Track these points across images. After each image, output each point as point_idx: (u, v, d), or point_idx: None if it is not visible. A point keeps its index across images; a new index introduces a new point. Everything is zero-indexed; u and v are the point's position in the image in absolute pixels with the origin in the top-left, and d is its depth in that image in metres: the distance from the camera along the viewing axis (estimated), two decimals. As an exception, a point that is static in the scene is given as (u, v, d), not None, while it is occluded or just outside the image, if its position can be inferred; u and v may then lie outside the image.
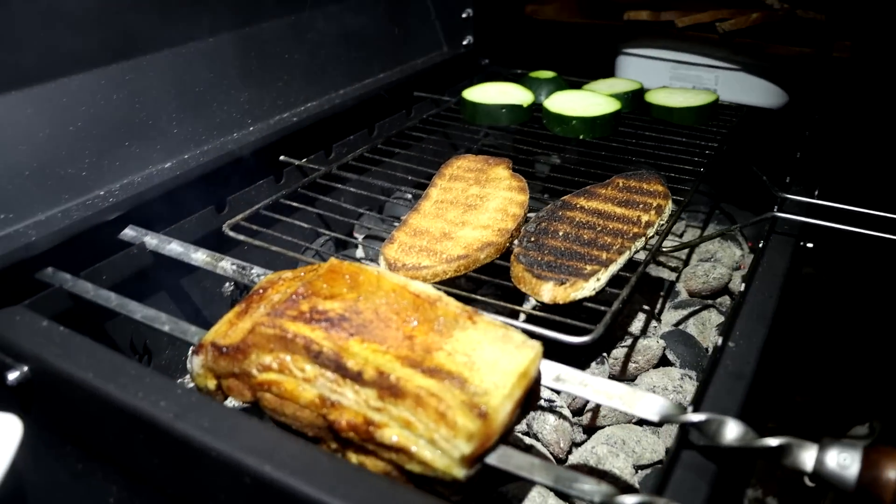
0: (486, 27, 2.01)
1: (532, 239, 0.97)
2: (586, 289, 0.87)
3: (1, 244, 0.89)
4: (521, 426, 0.98)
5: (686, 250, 1.45)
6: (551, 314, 0.84)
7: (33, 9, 0.98)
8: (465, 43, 2.01)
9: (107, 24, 1.11)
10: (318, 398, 0.67)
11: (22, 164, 0.99)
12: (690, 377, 1.09)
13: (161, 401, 0.68)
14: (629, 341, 1.12)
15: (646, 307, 1.23)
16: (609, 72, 1.99)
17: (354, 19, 1.62)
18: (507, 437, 0.66)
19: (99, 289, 0.90)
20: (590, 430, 1.03)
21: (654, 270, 1.39)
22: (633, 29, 1.93)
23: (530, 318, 0.85)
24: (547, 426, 0.96)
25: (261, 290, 0.80)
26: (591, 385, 0.70)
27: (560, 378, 0.71)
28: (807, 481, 0.62)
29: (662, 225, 1.04)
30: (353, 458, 0.66)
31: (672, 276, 1.37)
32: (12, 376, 0.76)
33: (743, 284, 0.93)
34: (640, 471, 0.95)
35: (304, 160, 1.32)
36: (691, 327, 1.23)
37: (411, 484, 0.64)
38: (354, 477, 0.60)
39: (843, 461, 0.60)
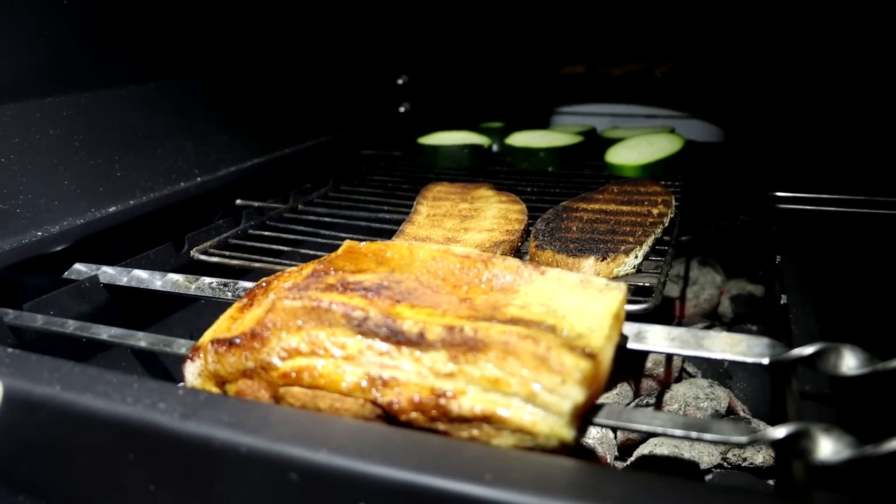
0: (420, 95, 2.01)
1: (547, 234, 0.89)
2: (627, 264, 0.78)
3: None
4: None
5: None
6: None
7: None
8: (401, 110, 1.99)
9: (48, 52, 0.99)
10: (365, 378, 0.54)
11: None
12: (718, 383, 1.00)
13: (159, 403, 0.53)
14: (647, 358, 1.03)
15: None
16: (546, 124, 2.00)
17: (299, 83, 1.56)
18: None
19: (51, 317, 0.74)
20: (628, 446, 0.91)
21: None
22: (569, 83, 1.96)
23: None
24: (588, 439, 0.84)
25: (264, 284, 0.67)
26: (679, 338, 0.60)
27: (642, 335, 0.61)
28: None
29: (672, 216, 0.98)
30: (418, 447, 0.53)
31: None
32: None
33: (778, 257, 0.87)
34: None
35: (263, 203, 1.21)
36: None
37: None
38: (442, 448, 0.46)
39: None
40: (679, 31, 1.78)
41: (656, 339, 0.60)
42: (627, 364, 1.01)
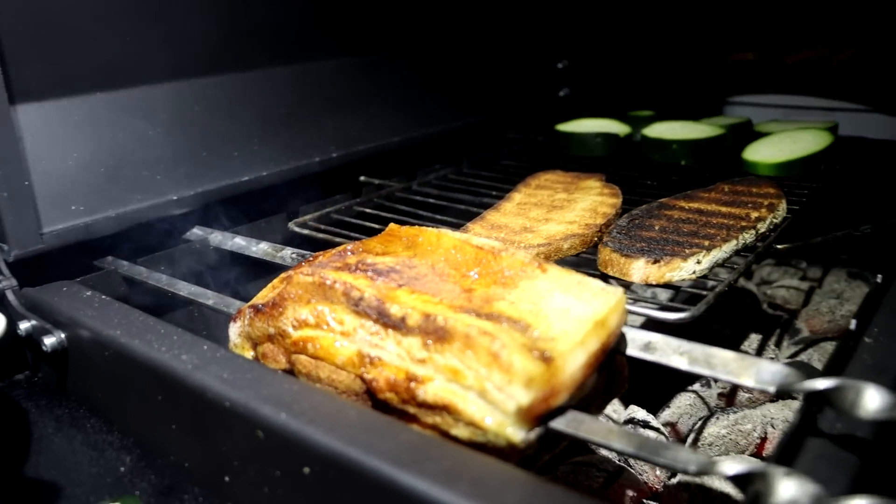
0: (582, 79, 1.96)
1: (623, 231, 0.85)
2: (684, 270, 0.73)
3: (67, 233, 0.87)
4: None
5: (799, 286, 1.27)
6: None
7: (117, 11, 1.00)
8: (561, 94, 1.96)
9: (188, 38, 1.11)
10: (357, 355, 0.57)
11: (98, 162, 0.98)
12: (819, 411, 0.91)
13: (183, 354, 0.60)
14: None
15: (760, 334, 1.06)
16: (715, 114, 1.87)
17: (449, 64, 1.59)
18: (582, 403, 0.53)
19: (152, 272, 0.86)
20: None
21: (770, 308, 1.22)
22: (738, 71, 1.82)
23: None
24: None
25: (310, 258, 0.72)
26: (689, 353, 0.56)
27: (651, 346, 0.58)
28: None
29: (776, 222, 0.89)
30: (393, 426, 0.55)
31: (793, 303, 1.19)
32: (49, 341, 0.71)
33: (880, 276, 0.77)
34: None
35: (385, 181, 1.27)
36: (815, 362, 1.05)
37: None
38: (382, 428, 0.48)
39: None
40: (867, 13, 1.57)
41: (664, 352, 0.57)
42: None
